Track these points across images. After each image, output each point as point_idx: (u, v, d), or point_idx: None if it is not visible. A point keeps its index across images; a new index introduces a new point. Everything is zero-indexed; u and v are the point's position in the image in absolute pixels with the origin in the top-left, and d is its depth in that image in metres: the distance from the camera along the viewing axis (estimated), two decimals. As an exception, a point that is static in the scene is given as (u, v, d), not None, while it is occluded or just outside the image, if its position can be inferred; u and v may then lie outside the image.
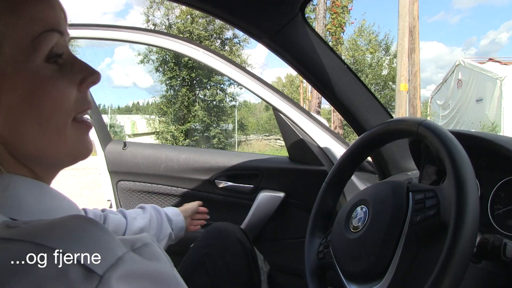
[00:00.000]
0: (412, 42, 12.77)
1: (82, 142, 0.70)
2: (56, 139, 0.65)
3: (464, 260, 0.76)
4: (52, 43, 0.64)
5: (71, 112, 0.66)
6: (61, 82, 0.64)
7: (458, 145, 0.88)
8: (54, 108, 0.63)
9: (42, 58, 0.62)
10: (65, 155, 0.68)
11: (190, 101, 24.06)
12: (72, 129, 0.67)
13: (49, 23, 0.64)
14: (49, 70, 0.63)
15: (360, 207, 1.07)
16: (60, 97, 0.64)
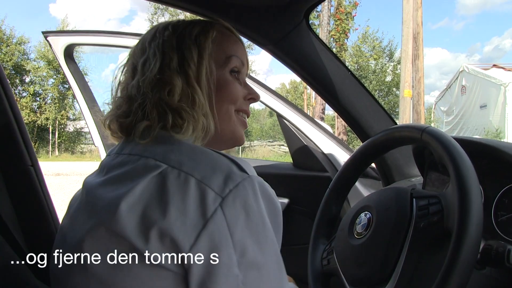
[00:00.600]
0: (416, 48, 12.75)
1: (240, 132, 1.01)
2: (229, 121, 0.97)
3: (467, 267, 0.76)
4: (235, 63, 0.99)
5: (236, 105, 0.99)
6: (236, 87, 0.98)
7: (461, 151, 0.89)
8: (232, 98, 0.97)
9: (228, 69, 0.98)
10: (230, 134, 0.99)
11: (194, 107, 24.04)
12: (237, 118, 1.00)
13: (237, 53, 1.00)
14: (230, 77, 0.98)
15: (364, 213, 1.07)
16: (236, 92, 0.98)
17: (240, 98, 1.00)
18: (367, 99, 1.66)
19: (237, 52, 1.00)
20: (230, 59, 0.98)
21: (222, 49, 0.98)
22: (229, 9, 1.34)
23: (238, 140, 1.01)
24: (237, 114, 1.00)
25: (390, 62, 28.63)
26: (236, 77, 1.00)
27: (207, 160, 0.78)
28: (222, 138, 0.98)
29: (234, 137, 1.01)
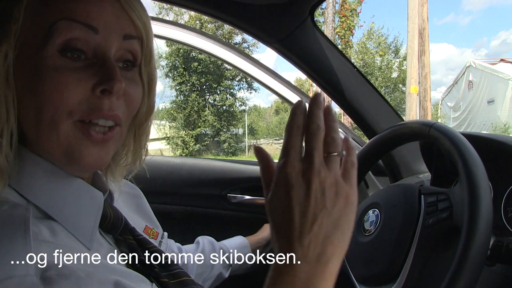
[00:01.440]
0: (422, 44, 12.70)
1: (78, 150, 0.65)
2: (50, 133, 0.64)
3: (477, 263, 0.75)
4: (70, 34, 0.63)
5: (73, 112, 0.64)
6: (68, 77, 0.63)
7: (470, 147, 0.88)
8: (49, 101, 0.62)
9: (55, 46, 0.63)
10: (60, 156, 0.66)
11: (200, 106, 24.16)
12: (72, 130, 0.65)
13: (72, 13, 0.63)
14: (60, 62, 0.63)
15: (372, 210, 1.07)
16: (59, 91, 0.62)
17: (79, 97, 0.64)
18: (373, 96, 1.66)
19: (75, 10, 0.63)
20: (54, 29, 0.62)
21: (43, 14, 0.63)
22: (234, 7, 1.33)
23: (76, 160, 0.66)
24: (75, 124, 0.65)
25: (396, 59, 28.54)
26: (77, 56, 0.65)
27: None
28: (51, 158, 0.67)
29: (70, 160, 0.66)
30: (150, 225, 1.00)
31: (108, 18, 0.66)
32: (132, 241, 0.79)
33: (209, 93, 24.87)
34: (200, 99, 24.12)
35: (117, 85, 0.65)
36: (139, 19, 0.70)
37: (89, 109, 0.65)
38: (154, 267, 0.77)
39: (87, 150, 0.66)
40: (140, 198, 1.06)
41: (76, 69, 0.64)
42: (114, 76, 0.65)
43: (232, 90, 25.36)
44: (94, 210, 0.71)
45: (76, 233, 0.66)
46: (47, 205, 0.64)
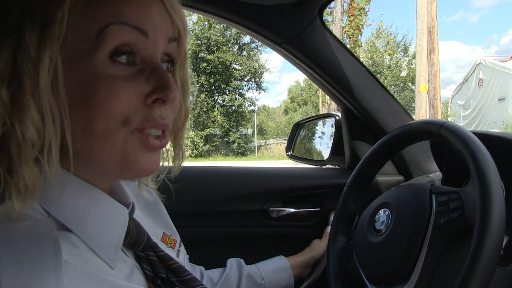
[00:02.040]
0: (431, 42, 12.65)
1: (135, 157, 0.64)
2: (101, 143, 0.61)
3: (490, 263, 0.74)
4: (121, 38, 0.59)
5: (128, 121, 0.62)
6: (121, 85, 0.60)
7: (481, 146, 0.87)
8: (100, 110, 0.59)
9: (105, 53, 0.59)
10: (114, 164, 0.63)
11: (209, 107, 24.28)
12: (128, 139, 0.63)
13: (123, 16, 0.59)
14: (111, 69, 0.60)
15: (383, 210, 1.07)
16: (113, 100, 0.59)
17: (133, 105, 0.62)
18: (383, 95, 1.65)
19: (125, 12, 0.60)
20: (105, 34, 0.58)
21: (90, 16, 0.58)
22: (242, 8, 1.34)
23: (135, 169, 0.65)
24: (132, 133, 0.63)
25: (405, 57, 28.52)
26: (127, 62, 0.62)
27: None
28: (103, 168, 0.65)
29: (126, 167, 0.64)
30: (168, 232, 0.97)
31: (157, 20, 0.64)
32: (154, 257, 0.78)
33: (218, 93, 24.99)
34: (209, 100, 24.25)
35: (172, 94, 0.64)
36: (180, 20, 0.68)
37: (143, 118, 0.63)
38: (175, 285, 0.77)
39: (143, 157, 0.65)
40: (158, 205, 1.02)
41: (128, 76, 0.61)
42: (169, 84, 0.63)
43: (241, 90, 25.47)
44: (118, 227, 0.69)
45: (99, 251, 0.64)
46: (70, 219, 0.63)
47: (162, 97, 0.63)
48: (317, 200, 1.75)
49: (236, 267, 1.30)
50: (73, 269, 0.56)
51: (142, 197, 0.93)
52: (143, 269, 0.74)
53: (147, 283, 0.73)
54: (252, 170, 1.85)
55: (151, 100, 0.63)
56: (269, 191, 1.72)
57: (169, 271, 0.79)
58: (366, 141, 1.74)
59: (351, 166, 1.79)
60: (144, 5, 0.61)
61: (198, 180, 1.70)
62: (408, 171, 1.69)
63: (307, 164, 2.14)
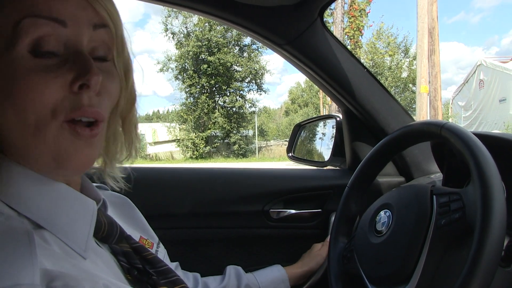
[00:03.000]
0: (432, 43, 12.64)
1: (67, 151, 0.64)
2: (36, 137, 0.61)
3: (491, 264, 0.74)
4: (38, 31, 0.59)
5: (56, 111, 0.61)
6: (44, 77, 0.60)
7: (482, 147, 0.87)
8: (29, 103, 0.59)
9: (25, 47, 0.59)
10: (48, 160, 0.63)
11: (210, 108, 24.28)
12: (59, 132, 0.63)
13: (36, 9, 0.59)
14: (32, 62, 0.60)
15: (384, 211, 1.07)
16: (38, 92, 0.59)
17: (58, 95, 0.62)
18: (383, 96, 1.65)
19: (38, 5, 0.59)
20: (20, 29, 0.58)
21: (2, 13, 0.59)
22: (243, 9, 1.34)
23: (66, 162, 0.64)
24: (62, 126, 0.63)
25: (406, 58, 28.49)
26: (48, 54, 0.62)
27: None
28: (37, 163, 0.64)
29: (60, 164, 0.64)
30: (145, 235, 0.97)
31: (74, 9, 0.63)
32: (129, 249, 0.78)
33: (219, 95, 24.99)
34: (210, 101, 24.25)
35: (94, 78, 0.63)
36: (104, 8, 0.66)
37: (70, 107, 0.63)
38: (152, 275, 0.77)
39: (76, 150, 0.64)
40: (130, 207, 1.02)
41: (50, 67, 0.61)
42: (90, 69, 0.62)
43: (242, 91, 25.46)
44: (87, 219, 0.69)
45: (70, 243, 0.64)
46: (38, 216, 0.62)
47: (84, 82, 0.62)
48: (318, 201, 1.75)
49: (234, 276, 1.29)
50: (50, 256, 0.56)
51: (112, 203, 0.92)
52: (119, 261, 0.74)
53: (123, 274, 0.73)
54: (253, 171, 1.83)
55: (76, 87, 0.62)
56: (270, 192, 1.71)
57: (145, 262, 0.79)
58: (367, 142, 1.73)
59: (352, 167, 1.79)
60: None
61: (199, 182, 1.69)
62: (409, 172, 1.69)
63: (308, 165, 2.13)
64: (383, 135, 1.57)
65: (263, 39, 1.47)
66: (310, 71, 1.56)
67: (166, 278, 0.79)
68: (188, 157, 23.64)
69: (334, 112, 13.46)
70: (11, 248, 0.52)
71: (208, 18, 1.40)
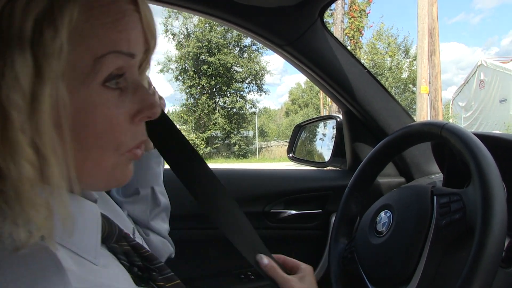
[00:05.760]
0: (432, 44, 12.62)
1: (122, 172, 0.65)
2: (95, 169, 0.60)
3: (492, 265, 0.74)
4: (115, 65, 0.57)
5: (120, 146, 0.61)
6: (112, 113, 0.58)
7: (482, 147, 0.87)
8: (98, 139, 0.58)
9: (100, 81, 0.56)
10: (101, 183, 0.64)
11: (210, 109, 24.31)
12: (119, 160, 0.63)
13: (119, 44, 0.57)
14: (104, 95, 0.57)
15: (384, 211, 1.07)
16: (107, 130, 0.58)
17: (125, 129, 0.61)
18: (384, 97, 1.65)
19: (119, 40, 0.57)
20: (102, 64, 0.56)
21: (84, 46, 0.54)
22: (243, 10, 1.34)
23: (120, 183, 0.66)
24: (123, 155, 0.63)
25: (406, 59, 28.52)
26: (116, 85, 0.60)
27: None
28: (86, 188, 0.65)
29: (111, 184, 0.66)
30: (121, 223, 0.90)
31: (140, 40, 0.62)
32: (128, 247, 0.77)
33: (219, 95, 25.02)
34: (210, 102, 24.28)
35: (158, 110, 0.64)
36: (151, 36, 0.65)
37: (131, 139, 0.63)
38: (152, 271, 0.77)
39: (128, 170, 0.66)
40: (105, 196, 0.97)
41: (116, 99, 0.60)
42: (154, 102, 0.63)
43: (242, 92, 25.49)
44: (94, 224, 0.67)
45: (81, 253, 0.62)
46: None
47: (149, 115, 0.63)
48: (318, 202, 1.75)
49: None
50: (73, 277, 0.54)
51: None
52: (119, 259, 0.73)
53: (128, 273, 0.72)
54: (254, 172, 1.84)
55: (138, 119, 0.62)
56: (270, 193, 1.71)
57: (143, 259, 0.78)
58: (367, 142, 1.74)
59: (353, 168, 1.79)
60: (132, 29, 0.60)
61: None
62: (410, 173, 1.69)
63: (309, 166, 2.13)
64: (383, 136, 1.57)
65: (263, 40, 1.47)
66: (310, 71, 1.56)
67: (162, 274, 0.78)
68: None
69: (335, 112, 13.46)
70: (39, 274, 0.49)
71: (208, 19, 1.40)
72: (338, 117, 1.92)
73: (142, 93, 0.63)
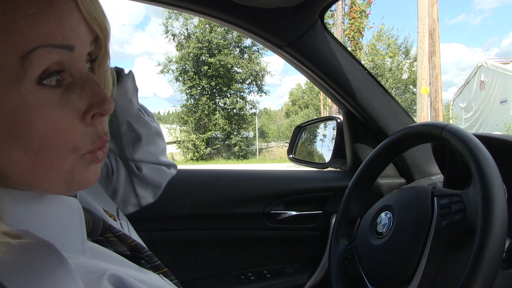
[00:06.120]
0: (433, 44, 12.62)
1: (82, 175, 0.60)
2: (49, 172, 0.56)
3: (492, 266, 0.74)
4: (48, 61, 0.52)
5: (75, 149, 0.57)
6: (56, 113, 0.54)
7: (483, 148, 0.87)
8: (42, 143, 0.53)
9: (33, 79, 0.51)
10: (60, 187, 0.59)
11: (210, 110, 24.30)
12: (78, 163, 0.59)
13: (48, 37, 0.52)
14: (42, 95, 0.53)
15: (385, 212, 1.07)
16: (51, 131, 0.54)
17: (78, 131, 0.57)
18: (384, 98, 1.65)
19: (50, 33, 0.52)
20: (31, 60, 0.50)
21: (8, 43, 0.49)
22: (243, 11, 1.34)
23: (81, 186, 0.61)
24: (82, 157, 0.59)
25: (406, 60, 28.49)
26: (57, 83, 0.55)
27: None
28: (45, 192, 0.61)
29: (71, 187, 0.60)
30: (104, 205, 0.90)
31: (79, 31, 0.56)
32: (114, 238, 0.75)
33: (219, 96, 25.01)
34: (210, 103, 24.26)
35: (110, 107, 0.59)
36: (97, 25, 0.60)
37: (91, 141, 0.59)
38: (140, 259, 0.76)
39: (90, 173, 0.61)
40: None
41: (61, 98, 0.55)
42: (105, 97, 0.58)
43: (243, 93, 25.48)
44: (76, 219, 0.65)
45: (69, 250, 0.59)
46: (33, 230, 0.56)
47: (101, 111, 0.58)
48: (318, 203, 1.75)
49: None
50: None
51: None
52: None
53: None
54: (254, 173, 1.83)
55: (90, 117, 0.58)
56: (270, 194, 1.71)
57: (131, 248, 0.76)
58: (367, 143, 1.74)
59: (353, 168, 1.80)
60: (65, 18, 0.54)
61: (200, 183, 1.68)
62: (410, 174, 1.69)
63: (309, 166, 2.14)
64: (383, 137, 1.57)
65: (263, 41, 1.47)
66: (310, 72, 1.56)
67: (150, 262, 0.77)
68: (188, 159, 23.65)
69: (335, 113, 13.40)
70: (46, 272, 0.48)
71: (208, 20, 1.40)
72: (339, 118, 1.92)
73: (90, 88, 0.58)
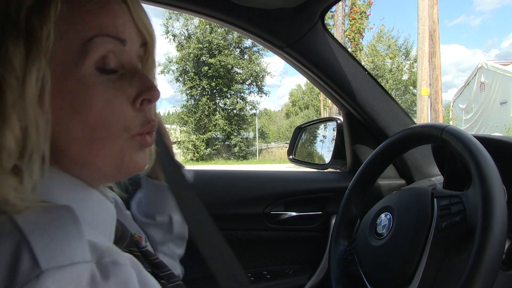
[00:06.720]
0: (433, 46, 12.62)
1: (132, 157, 0.67)
2: (103, 150, 0.63)
3: (492, 268, 0.74)
4: (105, 49, 0.62)
5: (126, 128, 0.64)
6: (110, 94, 0.62)
7: (483, 149, 0.87)
8: (98, 119, 0.61)
9: (91, 63, 0.61)
10: (112, 168, 0.65)
11: (210, 110, 24.30)
12: (128, 143, 0.65)
13: (105, 28, 0.62)
14: (99, 77, 0.62)
15: (384, 214, 1.07)
16: (106, 109, 0.62)
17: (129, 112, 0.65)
18: (384, 99, 1.65)
19: (106, 24, 0.62)
20: (90, 46, 0.60)
21: (73, 29, 0.59)
22: (244, 11, 1.34)
23: (130, 170, 0.67)
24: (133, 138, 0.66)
25: (407, 61, 28.50)
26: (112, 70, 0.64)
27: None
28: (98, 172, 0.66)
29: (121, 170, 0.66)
30: (133, 230, 0.93)
31: (130, 29, 0.66)
32: (138, 253, 0.78)
33: (219, 97, 25.01)
34: (210, 103, 24.27)
35: (157, 94, 0.67)
36: (144, 28, 0.69)
37: (140, 123, 0.66)
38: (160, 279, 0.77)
39: (140, 158, 0.68)
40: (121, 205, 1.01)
41: (113, 82, 0.63)
42: (152, 85, 0.67)
43: (243, 94, 25.49)
44: (109, 221, 0.70)
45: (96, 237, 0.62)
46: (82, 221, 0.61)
47: (149, 97, 0.66)
48: (318, 204, 1.74)
49: None
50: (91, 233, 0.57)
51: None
52: None
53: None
54: (254, 173, 1.82)
55: (139, 103, 0.66)
56: (270, 195, 1.70)
57: (153, 266, 0.79)
58: (367, 144, 1.73)
59: (353, 169, 1.80)
60: (119, 16, 0.64)
61: (199, 184, 1.62)
62: (410, 175, 1.68)
63: (309, 167, 2.14)
64: (384, 138, 1.57)
65: (264, 42, 1.47)
66: (311, 73, 1.56)
67: (170, 282, 0.79)
68: (188, 159, 23.65)
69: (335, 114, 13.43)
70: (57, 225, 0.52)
71: (209, 20, 1.40)
72: (339, 119, 1.92)
73: (139, 77, 0.66)
